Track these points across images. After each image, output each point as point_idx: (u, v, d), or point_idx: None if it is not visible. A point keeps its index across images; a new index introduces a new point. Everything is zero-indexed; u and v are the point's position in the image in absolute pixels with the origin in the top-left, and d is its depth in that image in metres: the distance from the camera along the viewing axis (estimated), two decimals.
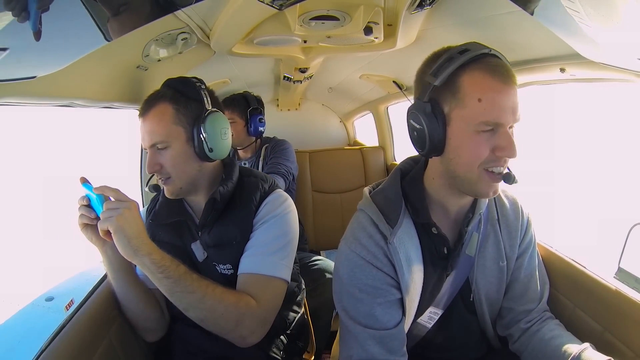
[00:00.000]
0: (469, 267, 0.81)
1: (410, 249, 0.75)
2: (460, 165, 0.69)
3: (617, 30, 0.53)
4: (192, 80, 0.90)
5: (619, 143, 6.95)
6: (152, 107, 0.85)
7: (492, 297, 0.84)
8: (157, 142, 0.85)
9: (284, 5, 0.81)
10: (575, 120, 8.19)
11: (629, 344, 0.77)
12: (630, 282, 0.81)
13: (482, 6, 0.84)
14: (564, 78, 0.94)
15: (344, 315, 0.78)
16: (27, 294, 2.00)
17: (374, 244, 0.75)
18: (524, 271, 0.85)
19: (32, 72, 0.60)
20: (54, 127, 7.31)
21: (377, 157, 2.33)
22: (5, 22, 0.41)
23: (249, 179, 0.96)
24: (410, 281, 0.75)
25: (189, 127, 0.86)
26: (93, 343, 0.82)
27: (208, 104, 0.88)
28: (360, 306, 0.76)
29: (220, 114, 0.90)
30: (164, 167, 0.86)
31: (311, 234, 2.14)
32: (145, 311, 0.89)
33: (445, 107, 0.67)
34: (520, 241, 0.85)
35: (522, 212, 0.86)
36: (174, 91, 0.87)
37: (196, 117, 0.86)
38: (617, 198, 4.89)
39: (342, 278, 0.77)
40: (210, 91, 0.92)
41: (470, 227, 0.79)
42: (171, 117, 0.85)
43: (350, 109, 2.68)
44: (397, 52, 1.19)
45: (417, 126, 0.70)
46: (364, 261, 0.75)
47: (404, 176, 0.81)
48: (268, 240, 0.88)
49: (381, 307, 0.75)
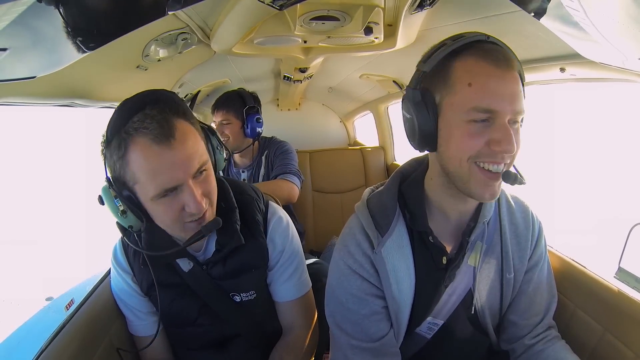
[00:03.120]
0: (471, 278, 0.75)
1: (398, 259, 0.71)
2: (450, 160, 0.63)
3: (618, 30, 0.53)
4: (170, 93, 0.75)
5: (619, 143, 6.95)
6: (173, 128, 0.67)
7: (496, 310, 0.79)
8: (204, 162, 0.71)
9: (284, 5, 0.81)
10: (575, 120, 8.19)
11: (629, 344, 0.77)
12: (631, 281, 0.81)
13: (482, 6, 0.84)
14: (564, 78, 0.94)
15: (332, 321, 0.77)
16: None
17: (361, 253, 0.73)
18: (533, 285, 0.79)
19: (32, 72, 0.60)
20: (54, 127, 7.30)
21: (378, 157, 2.33)
22: (5, 22, 0.41)
23: (243, 198, 0.87)
24: (397, 292, 0.72)
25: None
26: (93, 343, 0.82)
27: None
28: (347, 314, 0.74)
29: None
30: (210, 194, 0.74)
31: (311, 234, 2.14)
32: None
33: (436, 96, 0.63)
34: (532, 253, 0.78)
35: (533, 221, 0.79)
36: (172, 106, 0.70)
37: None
38: (617, 198, 4.89)
39: (332, 285, 0.77)
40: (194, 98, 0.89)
41: (472, 237, 0.73)
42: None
43: (350, 109, 2.68)
44: (397, 52, 1.19)
45: (407, 116, 0.66)
46: (351, 270, 0.73)
47: (405, 179, 0.77)
48: (292, 261, 0.91)
49: (367, 318, 0.73)
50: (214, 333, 0.89)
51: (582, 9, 0.45)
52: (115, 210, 0.71)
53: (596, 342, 0.78)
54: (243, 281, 0.86)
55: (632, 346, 0.76)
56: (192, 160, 0.69)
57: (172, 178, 0.67)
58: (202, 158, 0.71)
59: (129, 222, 0.71)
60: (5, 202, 6.42)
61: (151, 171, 0.66)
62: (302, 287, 0.93)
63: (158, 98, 0.70)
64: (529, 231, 0.78)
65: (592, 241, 3.52)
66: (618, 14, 0.43)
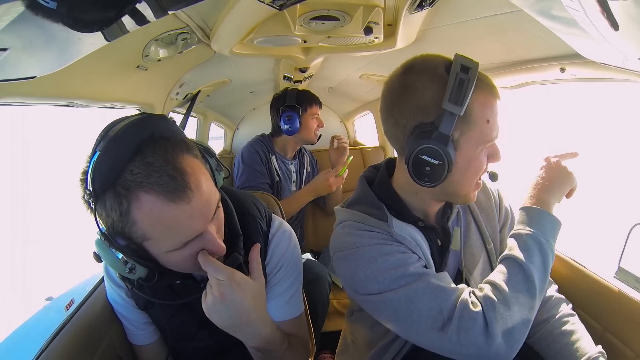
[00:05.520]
0: (457, 261, 0.84)
1: (413, 233, 0.74)
2: (463, 185, 0.70)
3: (618, 30, 0.53)
4: (161, 119, 0.65)
5: (619, 143, 6.94)
6: (184, 175, 0.58)
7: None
8: (218, 200, 0.65)
9: (284, 5, 0.81)
10: (575, 120, 8.18)
11: (629, 344, 0.77)
12: (631, 281, 0.81)
13: (482, 6, 0.84)
14: (564, 78, 0.94)
15: (390, 295, 0.68)
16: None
17: (379, 233, 0.73)
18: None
19: (32, 72, 0.60)
20: (54, 127, 7.30)
21: (377, 157, 2.33)
22: (5, 22, 0.41)
23: (246, 219, 0.80)
24: (425, 260, 0.73)
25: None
26: (93, 343, 0.82)
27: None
28: (400, 272, 0.69)
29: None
30: (222, 227, 0.69)
31: (311, 234, 2.14)
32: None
33: (456, 133, 0.65)
34: (498, 216, 0.89)
35: (491, 191, 0.90)
36: (172, 142, 0.61)
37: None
38: (617, 198, 4.89)
39: (367, 274, 0.70)
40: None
41: (450, 223, 0.82)
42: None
43: (350, 109, 2.68)
44: (397, 52, 1.19)
45: (435, 162, 0.64)
46: (380, 244, 0.71)
47: (370, 184, 0.83)
48: (290, 282, 0.86)
49: (418, 262, 0.71)
50: (214, 347, 0.88)
51: (582, 9, 0.45)
52: (121, 269, 0.62)
53: (596, 342, 0.78)
54: None
55: (632, 346, 0.76)
56: (210, 204, 0.62)
57: (192, 231, 0.61)
58: (215, 196, 0.64)
59: (139, 275, 0.64)
60: (5, 202, 6.42)
61: (167, 229, 0.59)
62: (294, 308, 0.88)
63: (153, 134, 0.59)
64: (491, 200, 0.89)
65: (592, 241, 3.52)
66: (618, 14, 0.43)
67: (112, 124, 0.61)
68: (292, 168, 1.92)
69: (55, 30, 0.48)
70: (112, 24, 0.42)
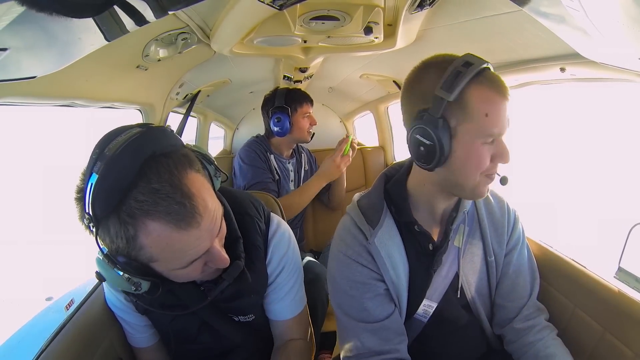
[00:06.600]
0: (455, 264, 0.85)
1: (391, 247, 0.80)
2: (465, 176, 0.72)
3: (618, 30, 0.53)
4: (161, 132, 0.61)
5: (619, 143, 6.94)
6: (192, 198, 0.57)
7: (485, 294, 0.88)
8: (222, 214, 0.66)
9: (284, 5, 0.81)
10: (575, 120, 8.18)
11: (629, 344, 0.77)
12: (631, 281, 0.81)
13: (482, 6, 0.84)
14: (564, 78, 0.94)
15: (339, 311, 0.83)
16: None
17: (357, 243, 0.81)
18: (512, 267, 0.88)
19: (32, 72, 0.60)
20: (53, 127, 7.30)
21: (378, 157, 2.33)
22: (5, 22, 0.41)
23: (244, 220, 0.80)
24: (394, 277, 0.80)
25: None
26: (93, 343, 0.82)
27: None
28: (352, 302, 0.81)
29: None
30: (224, 236, 0.69)
31: (311, 234, 2.14)
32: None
33: (452, 120, 0.69)
34: (508, 238, 0.88)
35: (508, 209, 0.90)
36: (175, 159, 0.59)
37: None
38: (617, 198, 4.89)
39: (334, 276, 0.83)
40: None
41: (454, 225, 0.84)
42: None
43: (350, 108, 2.68)
44: (397, 52, 1.19)
45: (426, 142, 0.70)
46: (350, 259, 0.81)
47: (389, 180, 0.87)
48: (293, 282, 0.89)
49: (371, 301, 0.80)
50: (215, 349, 0.89)
51: (582, 9, 0.45)
52: (127, 287, 0.61)
53: (596, 342, 0.78)
54: (241, 305, 0.85)
55: (632, 346, 0.76)
56: (216, 221, 0.62)
57: (200, 250, 0.61)
58: (219, 211, 0.64)
59: (144, 290, 0.63)
60: (5, 202, 6.42)
61: (176, 252, 0.59)
62: (297, 305, 0.91)
63: (154, 153, 0.56)
64: (505, 218, 0.88)
65: (592, 241, 3.52)
66: (618, 14, 0.43)
67: (107, 138, 0.57)
68: (290, 167, 1.91)
69: (56, 30, 0.48)
70: (103, 11, 0.41)
